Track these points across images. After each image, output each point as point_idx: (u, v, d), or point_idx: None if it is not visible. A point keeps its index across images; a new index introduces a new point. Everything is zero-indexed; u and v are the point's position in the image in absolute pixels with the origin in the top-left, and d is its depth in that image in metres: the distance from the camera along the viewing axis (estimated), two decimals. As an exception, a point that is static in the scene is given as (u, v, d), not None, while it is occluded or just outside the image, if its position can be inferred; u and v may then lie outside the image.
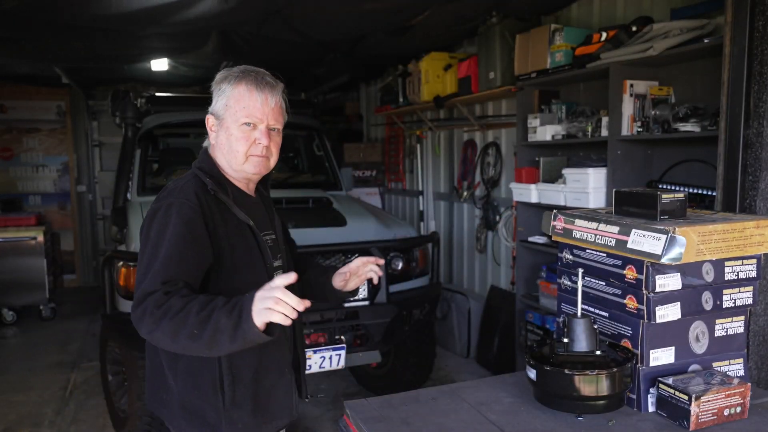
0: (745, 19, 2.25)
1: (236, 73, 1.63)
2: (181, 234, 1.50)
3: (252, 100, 1.60)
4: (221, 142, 1.65)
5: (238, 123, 1.60)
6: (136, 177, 4.27)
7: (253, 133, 1.62)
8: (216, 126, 1.67)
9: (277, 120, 1.65)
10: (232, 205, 1.63)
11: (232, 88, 1.61)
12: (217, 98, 1.65)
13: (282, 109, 1.67)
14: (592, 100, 3.67)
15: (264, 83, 1.61)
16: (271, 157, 1.67)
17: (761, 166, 2.27)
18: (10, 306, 6.02)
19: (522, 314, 4.07)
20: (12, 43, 4.19)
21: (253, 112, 1.60)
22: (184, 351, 1.44)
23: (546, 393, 1.51)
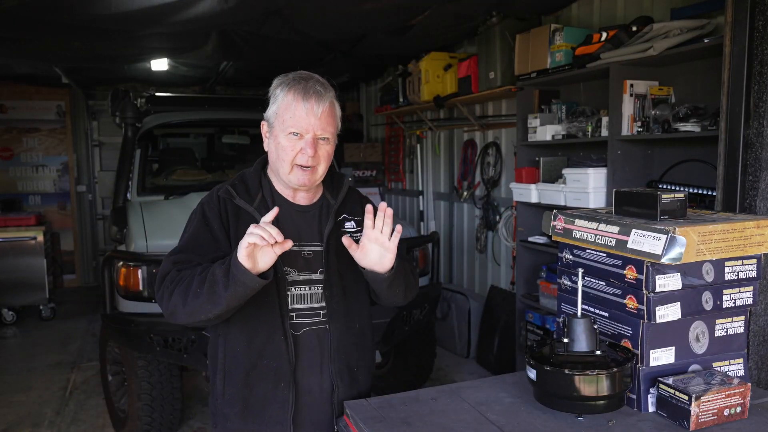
0: (745, 19, 2.25)
1: (289, 81, 1.62)
2: (198, 227, 1.63)
3: (298, 110, 1.57)
4: (271, 149, 1.65)
5: (285, 132, 1.58)
6: (136, 177, 4.27)
7: (299, 143, 1.58)
8: (268, 133, 1.67)
9: (325, 129, 1.60)
10: (253, 210, 1.63)
11: (284, 95, 1.60)
12: (271, 104, 1.64)
13: (333, 116, 1.63)
14: (592, 100, 3.67)
15: (312, 92, 1.58)
16: (318, 167, 1.62)
17: (761, 166, 2.27)
18: (10, 306, 6.02)
19: (522, 314, 4.07)
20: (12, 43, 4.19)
21: (299, 122, 1.57)
22: (194, 315, 1.49)
23: (546, 393, 1.51)
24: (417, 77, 5.01)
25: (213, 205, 1.64)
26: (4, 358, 5.07)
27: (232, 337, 1.64)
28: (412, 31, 4.28)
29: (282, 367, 1.62)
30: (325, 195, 1.74)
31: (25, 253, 6.05)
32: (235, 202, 1.64)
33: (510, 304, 4.36)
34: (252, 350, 1.62)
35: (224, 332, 1.65)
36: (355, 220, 1.76)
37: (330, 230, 1.68)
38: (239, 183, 1.69)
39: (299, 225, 1.67)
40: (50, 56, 4.89)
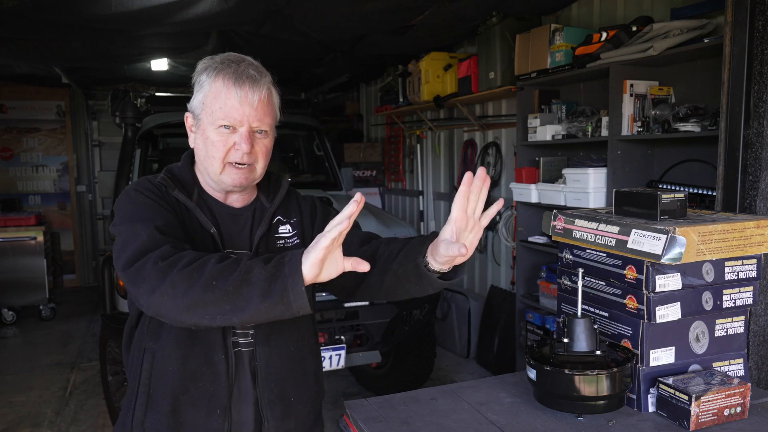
0: (745, 19, 2.25)
1: (216, 64, 1.36)
2: (153, 207, 1.32)
3: (229, 98, 1.33)
4: (198, 146, 1.40)
5: (215, 125, 1.34)
6: (136, 177, 4.27)
7: (231, 137, 1.34)
8: (194, 127, 1.41)
9: (263, 120, 1.36)
10: (194, 207, 1.39)
11: (211, 82, 1.35)
12: (196, 92, 1.39)
13: (270, 105, 1.39)
14: (592, 100, 3.67)
15: (245, 77, 1.34)
16: (255, 164, 1.38)
17: (761, 166, 2.27)
18: (10, 306, 6.02)
19: (522, 314, 4.07)
20: (12, 43, 4.19)
21: (231, 113, 1.33)
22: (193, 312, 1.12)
23: (546, 393, 1.51)
24: (417, 77, 5.01)
25: (155, 190, 1.36)
26: (4, 358, 5.07)
27: (163, 354, 1.36)
28: (412, 31, 4.28)
29: (219, 392, 1.36)
30: (259, 197, 1.50)
31: (25, 253, 6.05)
32: (173, 195, 1.38)
33: (510, 304, 4.36)
34: (186, 371, 1.35)
35: (152, 347, 1.37)
36: (290, 222, 1.51)
37: (261, 235, 1.44)
38: (172, 176, 1.43)
39: (230, 229, 1.43)
40: (50, 56, 4.89)
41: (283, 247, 1.47)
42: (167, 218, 1.30)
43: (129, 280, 1.18)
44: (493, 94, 4.33)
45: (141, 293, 1.15)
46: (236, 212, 1.46)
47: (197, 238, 1.36)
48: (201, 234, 1.37)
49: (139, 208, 1.30)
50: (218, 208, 1.44)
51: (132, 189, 1.37)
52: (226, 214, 1.45)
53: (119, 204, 1.35)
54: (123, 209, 1.32)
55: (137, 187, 1.37)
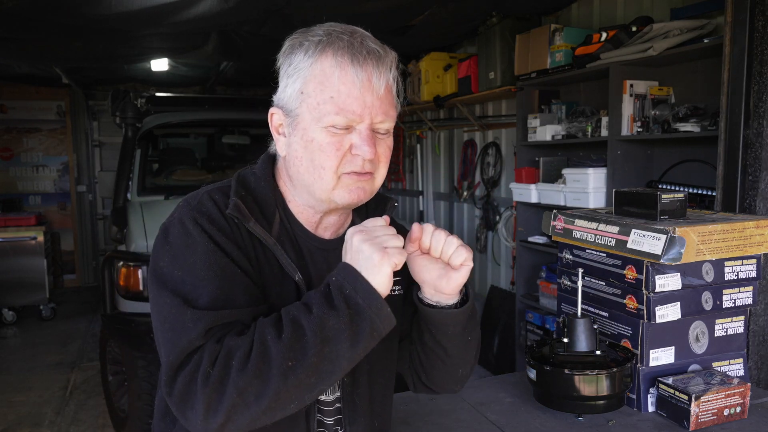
0: (745, 19, 2.25)
1: (318, 37, 0.99)
2: (211, 258, 0.95)
3: (345, 82, 0.96)
4: (296, 153, 1.02)
5: (324, 122, 0.98)
6: (136, 177, 4.28)
7: (346, 138, 0.99)
8: (287, 127, 1.04)
9: (388, 113, 1.01)
10: (274, 244, 1.02)
11: (313, 62, 0.98)
12: (288, 80, 1.02)
13: (394, 95, 1.04)
14: (592, 100, 3.67)
15: (365, 52, 0.97)
16: (376, 173, 1.04)
17: (761, 166, 2.27)
18: (10, 306, 6.03)
19: (522, 314, 4.07)
20: (12, 43, 4.19)
21: (348, 103, 0.97)
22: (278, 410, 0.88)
23: (546, 393, 1.51)
24: (417, 77, 5.01)
25: (223, 229, 0.99)
26: (4, 358, 5.07)
27: None
28: (412, 31, 4.28)
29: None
30: (354, 224, 1.10)
31: (25, 253, 6.05)
32: (248, 227, 1.01)
33: (510, 304, 4.36)
34: None
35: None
36: None
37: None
38: (247, 196, 1.04)
39: (320, 271, 1.07)
40: (50, 56, 4.90)
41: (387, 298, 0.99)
42: (231, 273, 0.95)
43: (177, 407, 0.88)
44: (493, 94, 4.33)
45: (194, 418, 0.86)
46: (326, 246, 1.10)
47: (274, 289, 1.02)
48: (281, 281, 1.03)
49: (192, 259, 0.95)
50: (306, 241, 1.08)
51: (189, 218, 0.98)
52: (316, 248, 1.09)
53: (165, 238, 0.99)
54: (171, 253, 0.96)
55: (197, 217, 0.98)
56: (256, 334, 0.88)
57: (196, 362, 0.87)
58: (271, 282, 1.02)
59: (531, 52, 3.71)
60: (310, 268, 1.07)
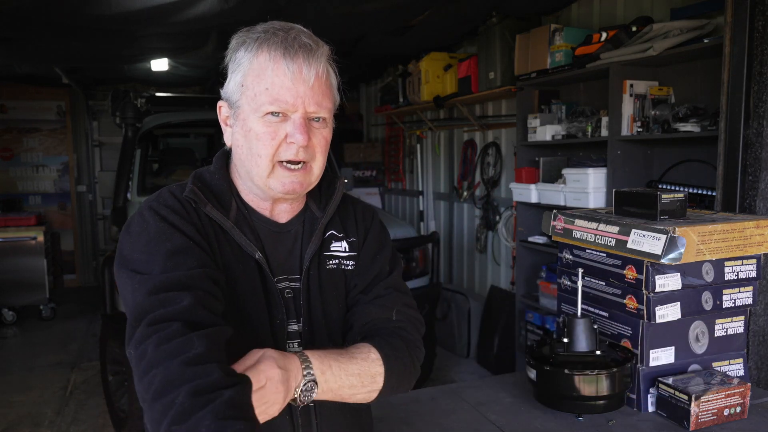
0: (745, 19, 2.25)
1: (257, 34, 1.07)
2: (165, 229, 1.03)
3: (278, 74, 1.04)
4: (237, 142, 1.10)
5: (260, 112, 1.05)
6: (136, 177, 4.28)
7: (282, 127, 1.06)
8: (230, 118, 1.12)
9: (321, 103, 1.07)
10: (231, 227, 1.10)
11: (252, 57, 1.06)
12: (231, 75, 1.10)
13: (329, 86, 1.11)
14: (592, 100, 3.67)
15: (297, 46, 1.05)
16: (312, 162, 1.10)
17: (761, 166, 2.27)
18: (10, 306, 6.03)
19: (522, 314, 4.07)
20: (12, 43, 4.19)
21: (281, 93, 1.04)
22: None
23: (546, 393, 1.52)
24: (417, 77, 5.01)
25: (178, 210, 1.06)
26: (4, 358, 5.07)
27: None
28: (412, 31, 4.28)
29: None
30: (308, 205, 1.20)
31: (25, 253, 6.05)
32: (206, 211, 1.09)
33: (510, 304, 4.36)
34: None
35: None
36: (348, 240, 1.21)
37: (312, 255, 1.15)
38: (204, 188, 1.12)
39: (277, 251, 1.15)
40: (50, 56, 4.90)
41: (336, 270, 1.18)
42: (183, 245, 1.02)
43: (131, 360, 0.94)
44: (493, 94, 4.33)
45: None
46: (282, 228, 1.17)
47: (237, 269, 1.09)
48: (242, 262, 1.10)
49: (145, 239, 1.02)
50: (262, 225, 1.15)
51: (147, 209, 1.07)
52: (271, 231, 1.16)
53: (127, 229, 1.06)
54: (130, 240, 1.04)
55: (154, 206, 1.07)
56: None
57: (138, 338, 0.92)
58: (232, 261, 1.08)
59: (531, 52, 3.71)
60: (267, 248, 1.14)
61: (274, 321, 1.10)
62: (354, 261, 1.21)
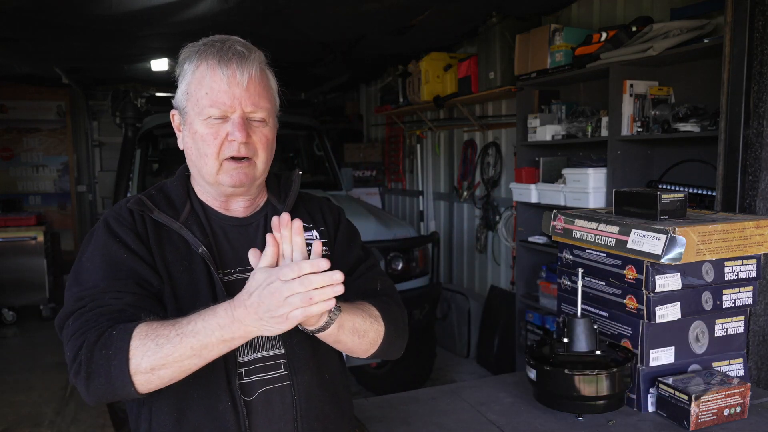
0: (745, 19, 2.25)
1: (198, 47, 1.19)
2: (107, 248, 1.15)
3: (215, 80, 1.15)
4: (187, 145, 1.22)
5: (203, 115, 1.16)
6: (136, 177, 4.27)
7: (223, 127, 1.16)
8: (181, 125, 1.24)
9: (257, 103, 1.17)
10: (180, 227, 1.19)
11: (194, 68, 1.18)
12: (180, 84, 1.22)
13: (265, 86, 1.21)
14: (592, 100, 3.67)
15: (231, 53, 1.16)
16: (255, 158, 1.19)
17: (761, 166, 2.27)
18: (10, 306, 6.03)
19: (522, 314, 4.07)
20: (12, 43, 4.19)
21: (219, 97, 1.15)
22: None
23: (546, 393, 1.51)
24: (417, 77, 5.01)
25: (123, 220, 1.18)
26: (4, 358, 5.07)
27: (158, 410, 1.17)
28: (412, 31, 4.28)
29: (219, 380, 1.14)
30: (269, 200, 1.31)
31: (25, 253, 6.05)
32: (153, 217, 1.19)
33: (510, 304, 4.36)
34: (184, 427, 1.14)
35: (149, 401, 1.18)
36: (318, 230, 1.30)
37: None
38: (157, 194, 1.25)
39: (238, 244, 1.23)
40: (50, 56, 4.90)
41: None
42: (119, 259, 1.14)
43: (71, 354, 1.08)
44: (492, 94, 4.33)
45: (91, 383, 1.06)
46: (243, 222, 1.26)
47: (182, 266, 1.17)
48: (189, 258, 1.18)
49: (92, 251, 1.17)
50: (219, 221, 1.25)
51: (103, 221, 1.21)
52: (231, 226, 1.25)
53: (90, 237, 1.21)
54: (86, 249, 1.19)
55: (108, 217, 1.21)
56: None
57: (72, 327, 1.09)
58: (177, 259, 1.18)
59: (531, 52, 3.71)
60: (224, 242, 1.23)
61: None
62: (327, 247, 1.29)
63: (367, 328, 1.18)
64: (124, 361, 1.00)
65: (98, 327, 1.05)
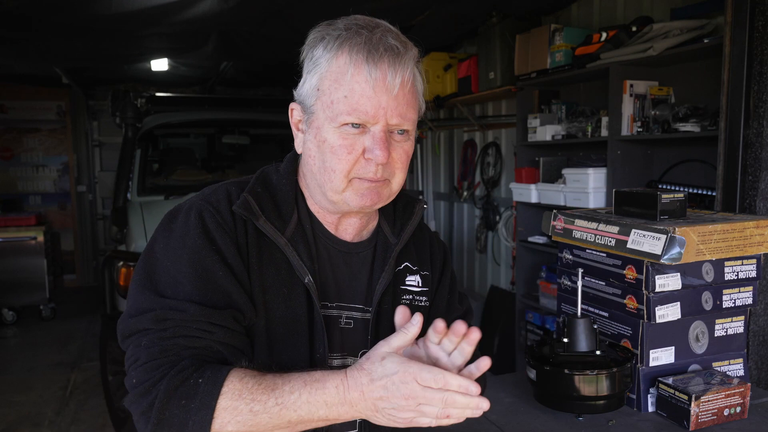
0: (745, 19, 2.25)
1: (338, 31, 0.96)
2: (203, 259, 0.94)
3: (359, 81, 0.93)
4: (309, 152, 1.00)
5: (337, 122, 0.95)
6: (136, 177, 4.27)
7: (360, 140, 0.95)
8: (303, 123, 1.02)
9: (405, 115, 0.97)
10: (285, 244, 0.99)
11: (331, 57, 0.95)
12: (307, 75, 0.99)
13: (415, 93, 0.99)
14: (592, 100, 3.67)
15: (382, 49, 0.93)
16: (392, 179, 1.00)
17: (761, 166, 2.27)
18: (10, 306, 6.03)
19: (522, 314, 4.07)
20: (12, 43, 4.19)
21: (361, 103, 0.93)
22: None
23: (546, 393, 1.51)
24: (417, 77, 5.01)
25: (224, 224, 0.97)
26: (4, 358, 5.07)
27: None
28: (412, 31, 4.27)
29: None
30: (381, 228, 1.10)
31: (25, 253, 6.05)
32: (258, 225, 0.99)
33: (510, 304, 4.36)
34: None
35: None
36: (421, 274, 1.11)
37: (386, 285, 1.05)
38: (264, 193, 1.02)
39: (340, 274, 1.06)
40: (50, 56, 4.89)
41: (409, 306, 0.98)
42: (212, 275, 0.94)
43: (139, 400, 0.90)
44: (493, 94, 4.33)
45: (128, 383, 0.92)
46: (350, 249, 1.07)
47: (281, 292, 0.99)
48: (289, 283, 0.99)
49: (180, 252, 0.94)
50: (325, 241, 1.05)
51: (196, 210, 0.98)
52: (336, 251, 1.06)
53: (169, 224, 0.99)
54: (167, 240, 0.96)
55: (203, 208, 0.98)
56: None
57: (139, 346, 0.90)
58: (277, 284, 0.99)
59: (531, 52, 3.71)
60: (327, 269, 1.04)
61: (315, 354, 0.99)
62: (426, 297, 1.12)
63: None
64: (207, 420, 0.85)
65: (181, 367, 0.87)
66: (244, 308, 0.95)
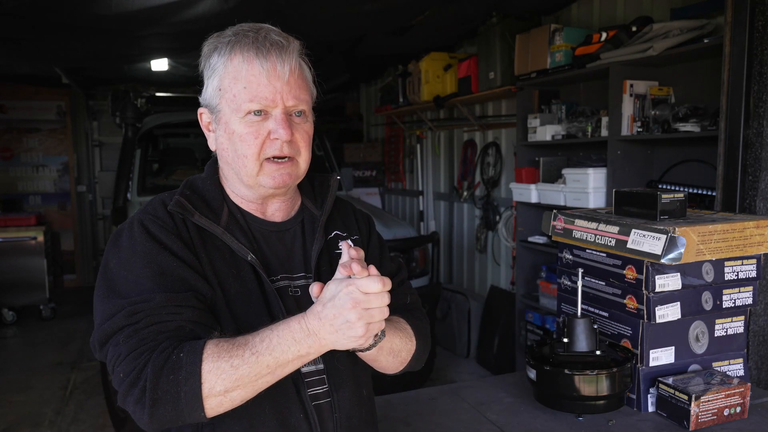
0: (745, 19, 2.25)
1: (227, 38, 1.10)
2: (152, 256, 1.04)
3: (254, 73, 1.06)
4: (222, 146, 1.12)
5: (241, 112, 1.07)
6: (136, 177, 4.28)
7: (264, 125, 1.07)
8: (212, 124, 1.15)
9: (299, 97, 1.09)
10: (222, 232, 1.10)
11: (226, 61, 1.09)
12: (208, 81, 1.13)
13: (304, 79, 1.12)
14: (592, 100, 3.67)
15: (268, 44, 1.07)
16: (297, 157, 1.12)
17: (761, 166, 2.27)
18: (10, 306, 6.03)
19: (522, 314, 4.07)
20: (12, 43, 4.19)
21: (259, 91, 1.06)
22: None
23: (546, 393, 1.52)
24: (417, 77, 5.01)
25: (165, 225, 1.08)
26: (4, 358, 5.07)
27: (224, 427, 1.07)
28: (412, 31, 4.28)
29: (290, 404, 1.10)
30: (305, 205, 1.23)
31: (25, 253, 6.05)
32: (194, 221, 1.10)
33: (510, 304, 4.36)
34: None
35: (211, 424, 1.06)
36: (351, 239, 1.19)
37: (319, 253, 1.17)
38: (192, 194, 1.14)
39: (277, 251, 1.17)
40: (50, 56, 4.89)
41: None
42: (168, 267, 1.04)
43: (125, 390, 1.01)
44: (493, 94, 4.33)
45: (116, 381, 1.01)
46: (281, 228, 1.18)
47: (231, 274, 1.09)
48: (236, 266, 1.11)
49: (133, 259, 1.04)
50: (257, 226, 1.16)
51: (137, 221, 1.09)
52: (269, 231, 1.17)
53: (116, 240, 1.09)
54: (119, 255, 1.06)
55: (144, 218, 1.09)
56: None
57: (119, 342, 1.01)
58: (225, 267, 1.10)
59: (531, 52, 3.71)
60: (265, 249, 1.16)
61: (276, 321, 1.07)
62: None
63: (402, 348, 1.18)
64: (197, 385, 0.94)
65: (161, 349, 0.96)
66: (203, 289, 1.05)
